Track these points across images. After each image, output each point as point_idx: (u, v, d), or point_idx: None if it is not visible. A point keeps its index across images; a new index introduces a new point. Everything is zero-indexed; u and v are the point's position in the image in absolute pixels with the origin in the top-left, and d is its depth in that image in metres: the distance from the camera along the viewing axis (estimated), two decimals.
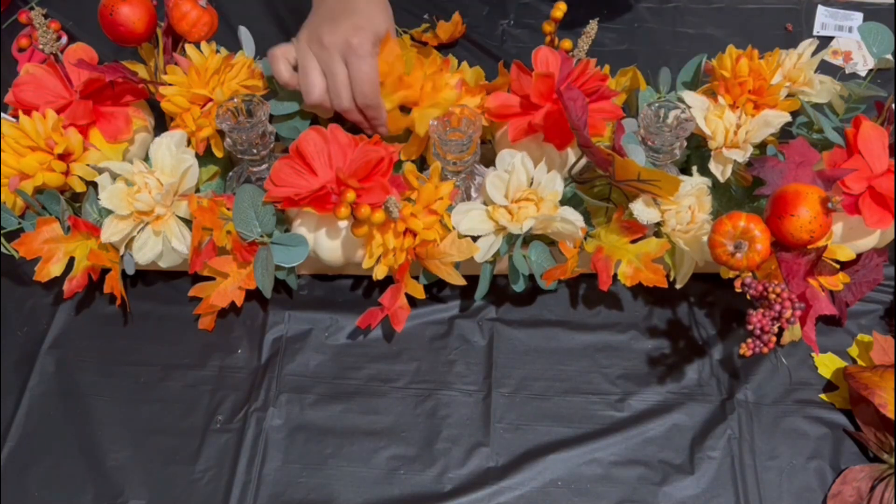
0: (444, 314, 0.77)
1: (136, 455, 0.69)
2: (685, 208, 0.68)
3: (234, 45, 0.78)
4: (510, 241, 0.69)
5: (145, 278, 0.79)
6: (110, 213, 0.69)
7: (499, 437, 0.70)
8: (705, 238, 0.67)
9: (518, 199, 0.68)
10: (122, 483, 0.68)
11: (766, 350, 0.60)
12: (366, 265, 0.69)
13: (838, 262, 0.70)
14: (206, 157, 0.76)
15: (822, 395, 0.72)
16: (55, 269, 0.72)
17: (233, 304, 0.73)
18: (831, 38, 0.98)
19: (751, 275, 0.63)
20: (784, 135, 0.77)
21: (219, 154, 0.75)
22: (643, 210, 0.67)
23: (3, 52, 0.96)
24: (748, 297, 0.61)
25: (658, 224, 0.70)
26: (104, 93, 0.75)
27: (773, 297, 0.59)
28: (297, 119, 0.76)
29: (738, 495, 0.67)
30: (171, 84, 0.73)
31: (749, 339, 0.60)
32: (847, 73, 0.92)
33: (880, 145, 0.69)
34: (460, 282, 0.70)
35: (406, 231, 0.68)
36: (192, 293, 0.73)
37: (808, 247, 0.63)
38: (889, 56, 0.73)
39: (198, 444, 0.70)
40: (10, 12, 0.99)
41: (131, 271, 0.72)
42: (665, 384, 0.73)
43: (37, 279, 0.71)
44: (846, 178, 0.67)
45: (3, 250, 0.73)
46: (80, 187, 0.73)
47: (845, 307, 0.74)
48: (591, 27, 0.73)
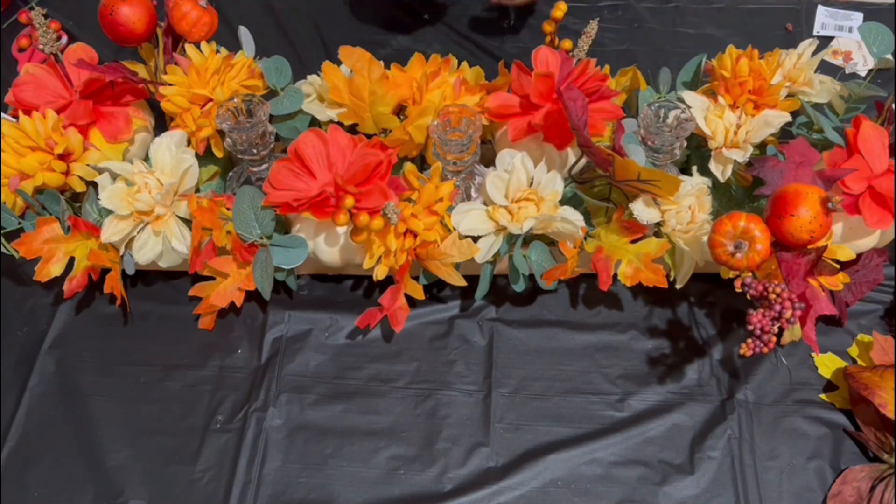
0: (444, 314, 0.77)
1: (136, 455, 0.69)
2: (685, 208, 0.68)
3: (234, 45, 0.78)
4: (510, 241, 0.69)
5: (145, 278, 0.79)
6: (110, 213, 0.69)
7: (499, 437, 0.70)
8: (705, 238, 0.67)
9: (518, 199, 0.68)
10: (122, 483, 0.68)
11: (766, 350, 0.60)
12: (366, 266, 0.69)
13: (838, 262, 0.70)
14: (206, 157, 0.76)
15: (822, 395, 0.72)
16: (55, 269, 0.72)
17: (233, 304, 0.73)
18: (831, 38, 0.98)
19: (751, 275, 0.63)
20: (784, 135, 0.77)
21: (219, 154, 0.75)
22: (643, 210, 0.67)
23: (3, 52, 0.96)
24: (748, 298, 0.61)
25: (658, 224, 0.70)
26: (104, 93, 0.75)
27: (773, 297, 0.59)
28: (297, 119, 0.76)
29: (738, 495, 0.67)
30: (171, 84, 0.73)
31: (749, 340, 0.60)
32: (847, 73, 0.92)
33: (880, 145, 0.69)
34: (461, 282, 0.70)
35: (406, 232, 0.68)
36: (192, 293, 0.73)
37: (809, 247, 0.63)
38: (889, 56, 0.73)
39: (198, 444, 0.70)
40: (10, 12, 0.99)
41: (131, 271, 0.72)
42: (665, 384, 0.73)
43: (37, 279, 0.71)
44: (846, 178, 0.68)
45: (3, 250, 0.73)
46: (80, 187, 0.73)
47: (845, 307, 0.74)
48: (592, 27, 0.73)
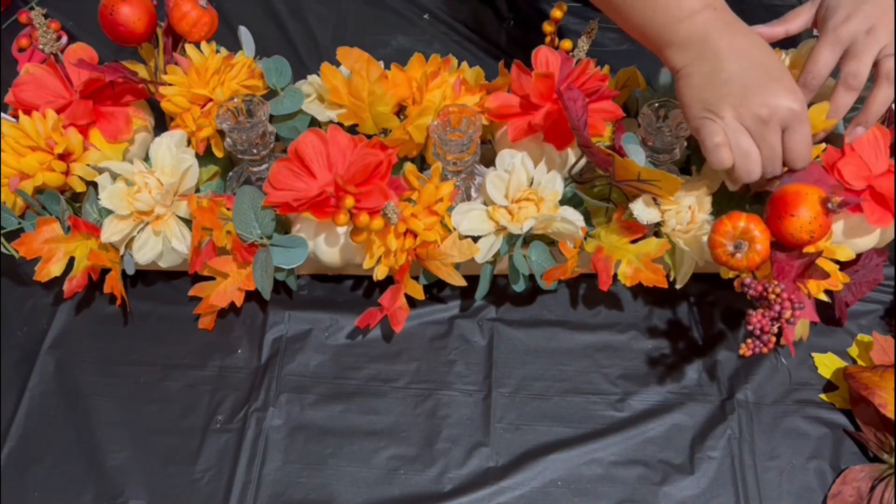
0: (444, 314, 0.77)
1: (136, 455, 0.69)
2: (685, 208, 0.68)
3: (234, 45, 0.78)
4: (510, 241, 0.69)
5: (145, 278, 0.79)
6: (110, 213, 0.69)
7: (499, 437, 0.70)
8: (705, 238, 0.67)
9: (518, 199, 0.68)
10: (122, 483, 0.68)
11: (765, 350, 0.60)
12: (366, 265, 0.69)
13: (838, 261, 0.70)
14: (206, 157, 0.76)
15: (822, 395, 0.72)
16: (55, 269, 0.72)
17: (233, 304, 0.73)
18: None
19: (750, 275, 0.63)
20: None
21: (219, 154, 0.75)
22: (643, 210, 0.67)
23: (3, 52, 0.96)
24: (748, 298, 0.61)
25: (658, 224, 0.70)
26: (104, 93, 0.75)
27: (772, 297, 0.59)
28: (297, 119, 0.76)
29: (738, 495, 0.67)
30: (171, 84, 0.73)
31: (749, 340, 0.60)
32: None
33: (880, 145, 0.69)
34: (461, 282, 0.70)
35: (406, 232, 0.68)
36: (192, 293, 0.73)
37: (808, 248, 0.63)
38: None
39: (198, 444, 0.70)
40: (10, 12, 0.99)
41: (131, 271, 0.72)
42: (665, 384, 0.73)
43: (37, 279, 0.71)
44: (846, 176, 0.68)
45: (3, 250, 0.73)
46: (80, 187, 0.73)
47: (845, 307, 0.74)
48: (592, 27, 0.73)
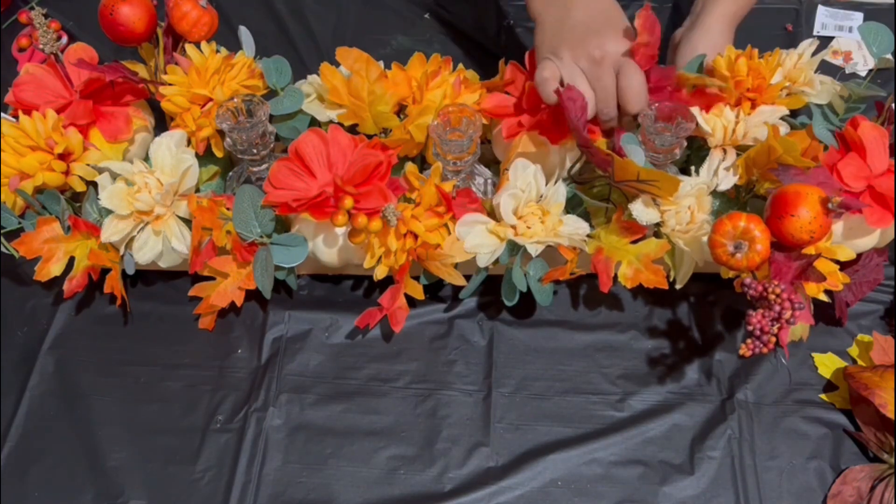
0: (443, 314, 0.77)
1: (136, 455, 0.69)
2: (685, 208, 0.68)
3: (234, 45, 0.78)
4: (513, 251, 0.69)
5: (145, 278, 0.79)
6: (110, 212, 0.69)
7: (499, 437, 0.70)
8: (705, 238, 0.67)
9: (524, 214, 0.68)
10: (122, 483, 0.68)
11: (765, 351, 0.60)
12: (367, 265, 0.69)
13: (838, 262, 0.70)
14: (206, 157, 0.76)
15: (822, 395, 0.72)
16: (55, 269, 0.72)
17: (233, 304, 0.73)
18: (831, 38, 0.98)
19: (751, 275, 0.63)
20: None
21: (219, 154, 0.75)
22: (643, 210, 0.67)
23: (3, 52, 0.96)
24: (748, 298, 0.61)
25: (658, 224, 0.70)
26: (104, 93, 0.75)
27: (772, 297, 0.59)
28: (297, 119, 0.76)
29: (738, 495, 0.67)
30: (171, 84, 0.73)
31: (748, 340, 0.60)
32: (847, 73, 0.92)
33: (880, 145, 0.69)
34: (461, 282, 0.70)
35: (407, 233, 0.68)
36: (192, 293, 0.73)
37: (807, 248, 0.63)
38: (889, 56, 0.73)
39: (198, 444, 0.70)
40: (10, 12, 0.99)
41: (131, 271, 0.72)
42: (665, 384, 0.73)
43: (37, 279, 0.72)
44: (846, 177, 0.68)
45: (3, 250, 0.73)
46: (80, 187, 0.73)
47: (845, 307, 0.74)
48: None
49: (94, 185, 0.73)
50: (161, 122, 0.80)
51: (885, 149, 0.69)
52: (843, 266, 0.71)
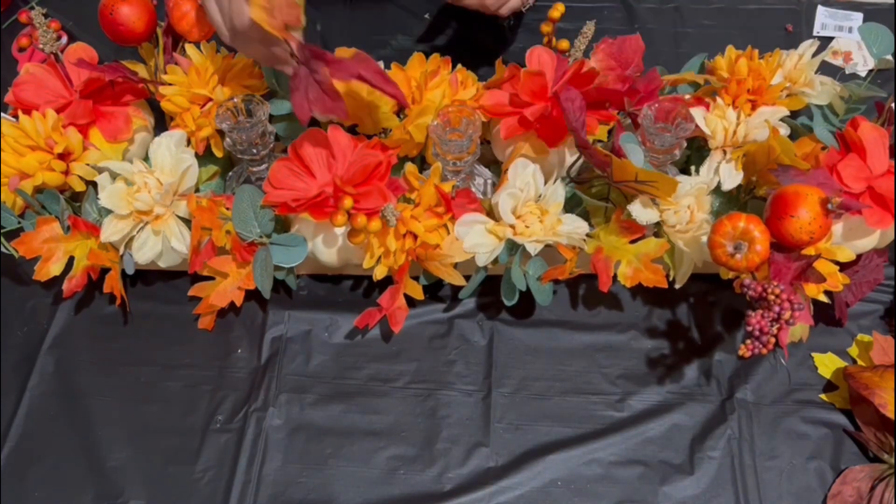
0: (443, 314, 0.77)
1: (136, 455, 0.69)
2: (684, 208, 0.68)
3: None
4: (511, 250, 0.69)
5: (145, 278, 0.79)
6: (110, 212, 0.69)
7: (499, 437, 0.70)
8: (704, 238, 0.67)
9: (523, 213, 0.68)
10: (122, 483, 0.68)
11: (765, 351, 0.60)
12: (366, 265, 0.69)
13: (838, 262, 0.70)
14: (206, 157, 0.76)
15: (822, 395, 0.72)
16: (55, 269, 0.72)
17: (232, 303, 0.73)
18: (831, 39, 0.98)
19: (750, 276, 0.63)
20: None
21: (218, 154, 0.75)
22: (642, 210, 0.67)
23: (3, 52, 0.96)
24: (747, 299, 0.61)
25: (657, 224, 0.70)
26: (104, 92, 0.75)
27: (772, 298, 0.59)
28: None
29: (738, 495, 0.67)
30: (170, 84, 0.73)
31: (748, 341, 0.60)
32: (847, 73, 0.92)
33: (880, 146, 0.69)
34: (461, 282, 0.70)
35: (406, 233, 0.68)
36: (191, 293, 0.73)
37: (807, 249, 0.63)
38: (889, 56, 0.73)
39: (198, 444, 0.70)
40: (10, 12, 0.99)
41: (131, 271, 0.72)
42: (665, 384, 0.73)
43: (36, 278, 0.71)
44: (845, 178, 0.68)
45: (2, 249, 0.73)
46: (79, 187, 0.73)
47: (845, 307, 0.74)
48: (588, 28, 0.73)
49: (94, 184, 0.72)
50: (161, 122, 0.80)
51: (885, 150, 0.69)
52: (842, 267, 0.71)
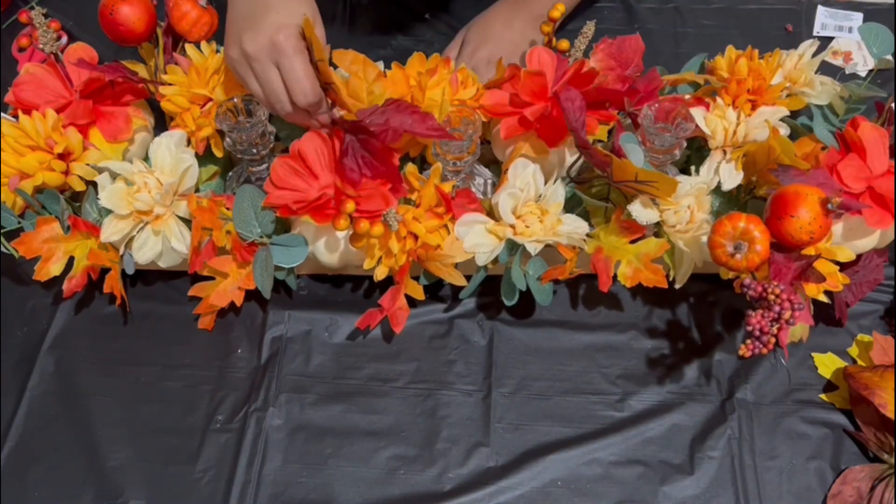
0: (443, 314, 0.77)
1: (136, 455, 0.69)
2: (684, 208, 0.68)
3: None
4: (511, 250, 0.69)
5: (145, 278, 0.79)
6: (110, 212, 0.69)
7: (499, 437, 0.70)
8: (704, 238, 0.67)
9: (523, 213, 0.68)
10: (122, 483, 0.68)
11: (765, 351, 0.60)
12: (367, 266, 0.69)
13: (838, 262, 0.70)
14: (206, 157, 0.76)
15: (822, 395, 0.72)
16: (55, 269, 0.72)
17: (232, 303, 0.73)
18: (831, 39, 0.98)
19: (750, 276, 0.63)
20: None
21: (218, 154, 0.75)
22: (641, 211, 0.67)
23: (3, 52, 0.96)
24: (747, 299, 0.61)
25: (657, 224, 0.70)
26: (104, 92, 0.75)
27: (772, 298, 0.59)
28: None
29: (738, 495, 0.67)
30: (171, 84, 0.73)
31: (748, 341, 0.60)
32: (847, 73, 0.92)
33: (880, 146, 0.69)
34: (462, 282, 0.70)
35: (407, 234, 0.68)
36: (191, 293, 0.73)
37: (807, 249, 0.63)
38: (889, 56, 0.73)
39: (198, 444, 0.70)
40: (10, 12, 0.99)
41: (131, 271, 0.72)
42: (665, 384, 0.73)
43: (36, 278, 0.71)
44: (845, 178, 0.68)
45: (3, 250, 0.73)
46: (79, 187, 0.73)
47: (845, 307, 0.74)
48: (588, 28, 0.73)
49: (94, 184, 0.72)
50: (161, 122, 0.80)
51: (885, 150, 0.69)
52: (842, 267, 0.71)
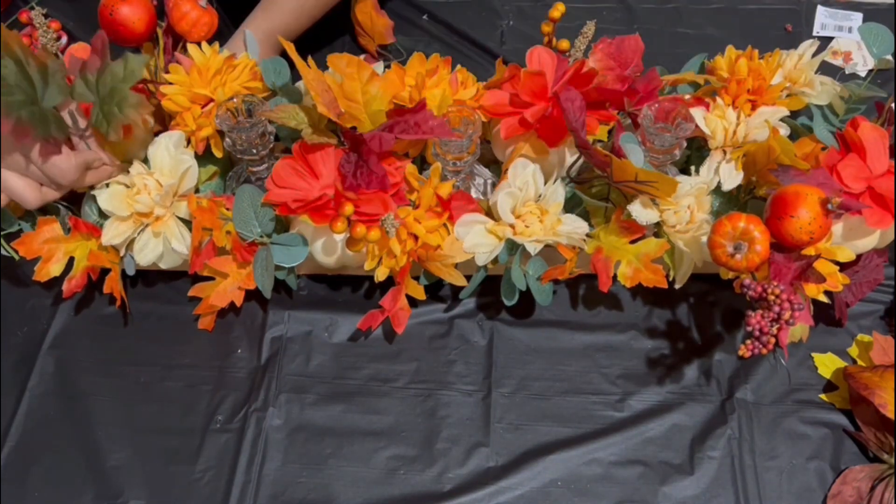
0: (443, 314, 0.77)
1: (136, 455, 0.69)
2: (684, 208, 0.68)
3: None
4: (511, 250, 0.69)
5: (145, 278, 0.79)
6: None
7: (499, 437, 0.70)
8: (704, 238, 0.67)
9: (522, 213, 0.68)
10: (122, 483, 0.68)
11: (764, 351, 0.60)
12: (368, 267, 0.69)
13: (838, 262, 0.70)
14: (205, 157, 0.76)
15: (822, 395, 0.72)
16: (55, 269, 0.72)
17: (232, 304, 0.73)
18: (831, 39, 0.98)
19: (750, 276, 0.63)
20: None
21: (218, 154, 0.75)
22: (641, 211, 0.67)
23: None
24: (747, 299, 0.61)
25: (657, 224, 0.70)
26: None
27: (772, 298, 0.59)
28: None
29: (738, 495, 0.67)
30: (171, 83, 0.73)
31: (748, 341, 0.60)
32: (847, 73, 0.92)
33: (880, 146, 0.69)
34: (462, 282, 0.70)
35: (408, 234, 0.67)
36: (191, 293, 0.73)
37: (807, 249, 0.63)
38: (889, 56, 0.73)
39: (198, 444, 0.70)
40: (10, 12, 0.99)
41: (132, 272, 0.72)
42: (665, 384, 0.73)
43: (36, 279, 0.71)
44: (845, 178, 0.68)
45: (3, 251, 0.73)
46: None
47: (845, 307, 0.74)
48: (588, 28, 0.73)
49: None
50: (161, 124, 0.80)
51: (885, 150, 0.69)
52: (842, 267, 0.71)
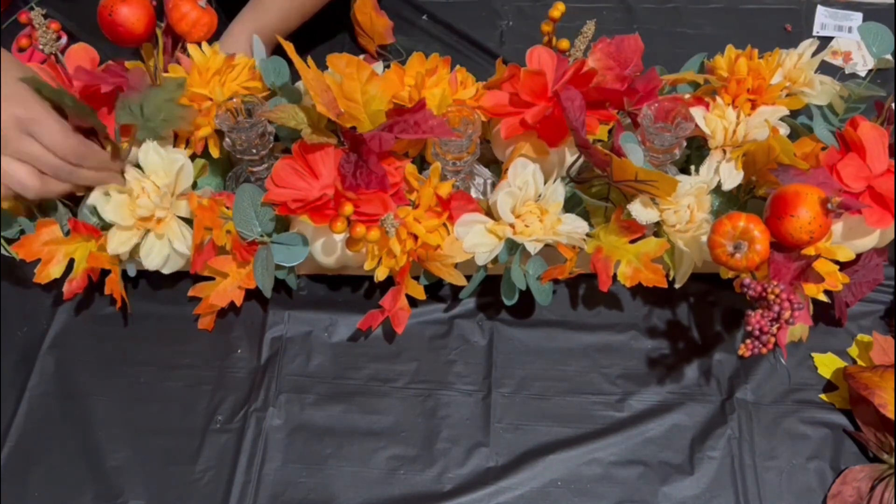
0: (443, 314, 0.77)
1: (136, 455, 0.69)
2: (684, 208, 0.68)
3: None
4: (511, 250, 0.70)
5: (145, 279, 0.79)
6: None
7: (499, 437, 0.70)
8: (704, 238, 0.67)
9: (522, 213, 0.68)
10: (122, 483, 0.68)
11: (764, 351, 0.60)
12: (367, 267, 0.69)
13: (838, 262, 0.70)
14: (203, 156, 0.76)
15: (822, 395, 0.72)
16: (55, 271, 0.72)
17: (232, 304, 0.73)
18: (831, 39, 0.98)
19: (750, 275, 0.63)
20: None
21: (215, 154, 0.75)
22: (641, 210, 0.67)
23: None
24: (747, 299, 0.61)
25: (657, 223, 0.70)
26: (104, 94, 0.75)
27: (772, 297, 0.59)
28: None
29: (737, 495, 0.67)
30: None
31: (748, 340, 0.60)
32: (847, 73, 0.92)
33: (880, 145, 0.69)
34: (462, 282, 0.70)
35: (408, 234, 0.67)
36: (191, 293, 0.73)
37: (807, 249, 0.63)
38: (889, 56, 0.73)
39: (198, 444, 0.70)
40: (10, 12, 0.99)
41: (133, 273, 0.72)
42: (665, 384, 0.73)
43: (36, 281, 0.71)
44: (845, 177, 0.68)
45: (3, 252, 0.73)
46: (79, 191, 0.72)
47: (845, 307, 0.74)
48: (588, 28, 0.73)
49: None
50: None
51: (885, 149, 0.69)
52: (842, 266, 0.71)
